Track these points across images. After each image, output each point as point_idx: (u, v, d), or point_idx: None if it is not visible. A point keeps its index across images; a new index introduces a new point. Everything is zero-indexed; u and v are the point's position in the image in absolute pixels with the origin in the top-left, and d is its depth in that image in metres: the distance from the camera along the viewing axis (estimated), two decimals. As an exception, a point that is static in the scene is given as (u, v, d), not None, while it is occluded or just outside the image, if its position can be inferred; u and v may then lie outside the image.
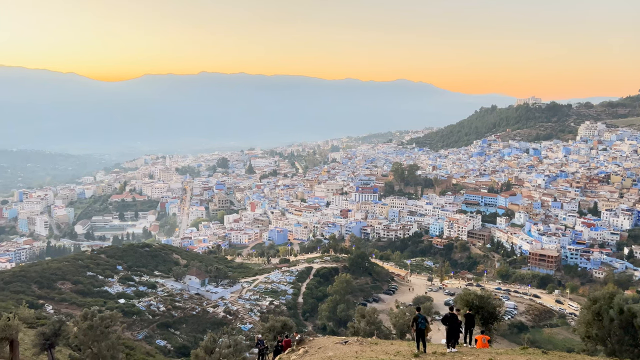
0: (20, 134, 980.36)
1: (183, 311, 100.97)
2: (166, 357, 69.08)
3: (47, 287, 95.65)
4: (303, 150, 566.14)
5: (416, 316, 22.90)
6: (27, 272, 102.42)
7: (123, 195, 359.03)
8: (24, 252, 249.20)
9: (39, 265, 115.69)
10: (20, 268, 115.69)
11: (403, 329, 44.47)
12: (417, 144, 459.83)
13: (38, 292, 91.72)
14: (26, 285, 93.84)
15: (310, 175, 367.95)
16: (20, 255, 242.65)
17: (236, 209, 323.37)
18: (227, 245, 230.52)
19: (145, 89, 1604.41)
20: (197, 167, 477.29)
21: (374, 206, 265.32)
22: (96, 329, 39.61)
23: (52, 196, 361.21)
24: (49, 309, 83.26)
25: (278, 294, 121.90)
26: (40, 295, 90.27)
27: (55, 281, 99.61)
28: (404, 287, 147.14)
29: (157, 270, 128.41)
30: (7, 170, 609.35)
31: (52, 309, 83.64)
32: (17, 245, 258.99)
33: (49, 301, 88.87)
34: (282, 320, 42.48)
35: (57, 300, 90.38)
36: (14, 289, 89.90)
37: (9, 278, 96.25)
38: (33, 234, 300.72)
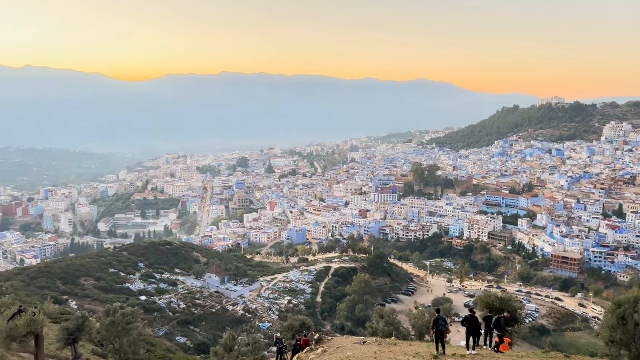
0: (46, 133, 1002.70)
1: (203, 309, 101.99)
2: (186, 354, 69.86)
3: (71, 283, 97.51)
4: (322, 150, 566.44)
5: (436, 318, 22.78)
6: (52, 268, 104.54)
7: (145, 193, 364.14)
8: (49, 249, 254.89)
9: (63, 261, 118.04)
10: (46, 264, 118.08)
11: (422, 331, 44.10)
12: (438, 144, 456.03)
13: (62, 288, 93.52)
14: (51, 281, 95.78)
15: (329, 175, 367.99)
16: (46, 252, 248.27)
17: (256, 208, 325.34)
18: (246, 244, 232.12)
19: (167, 88, 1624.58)
20: (217, 167, 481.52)
21: (393, 206, 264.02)
22: (118, 325, 40.27)
23: (76, 194, 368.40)
24: (73, 305, 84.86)
25: (297, 293, 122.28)
26: (64, 291, 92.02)
27: (79, 277, 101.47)
28: (423, 288, 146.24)
29: (177, 268, 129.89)
30: (33, 169, 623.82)
31: (76, 305, 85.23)
32: (43, 242, 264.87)
33: (72, 297, 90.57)
34: (300, 320, 42.55)
35: (80, 296, 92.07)
36: (39, 285, 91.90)
37: (34, 274, 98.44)
38: (58, 231, 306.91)
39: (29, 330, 27.27)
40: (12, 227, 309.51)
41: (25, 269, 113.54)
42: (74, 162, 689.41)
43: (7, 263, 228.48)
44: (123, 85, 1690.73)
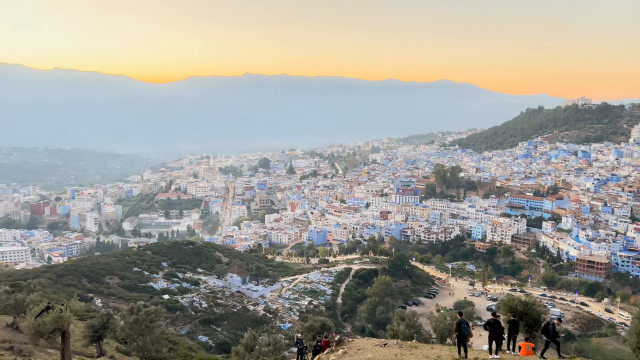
0: (73, 133, 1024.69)
1: (224, 308, 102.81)
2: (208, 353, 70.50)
3: (96, 281, 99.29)
4: (343, 151, 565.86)
5: (459, 321, 22.61)
6: (78, 266, 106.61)
7: (168, 193, 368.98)
8: (75, 247, 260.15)
9: (88, 260, 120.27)
10: (72, 262, 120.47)
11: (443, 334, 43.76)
12: (460, 145, 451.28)
13: (88, 286, 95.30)
14: (77, 279, 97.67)
15: (350, 176, 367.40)
16: (72, 250, 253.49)
17: (277, 208, 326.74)
18: (267, 244, 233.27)
19: (190, 90, 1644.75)
20: (239, 167, 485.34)
21: (414, 208, 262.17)
22: (141, 323, 40.94)
23: (101, 194, 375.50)
24: (98, 303, 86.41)
25: (317, 294, 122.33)
26: (89, 289, 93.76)
27: (104, 276, 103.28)
28: (445, 291, 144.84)
29: (200, 267, 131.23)
30: (60, 169, 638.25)
31: (101, 303, 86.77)
32: (69, 241, 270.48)
33: (97, 295, 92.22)
34: (321, 321, 42.62)
35: (105, 294, 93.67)
36: (65, 282, 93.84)
37: (61, 272, 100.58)
38: (84, 230, 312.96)
39: (56, 326, 27.92)
40: (40, 226, 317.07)
41: (52, 267, 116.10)
42: (99, 162, 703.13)
43: (35, 261, 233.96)
44: (148, 86, 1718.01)
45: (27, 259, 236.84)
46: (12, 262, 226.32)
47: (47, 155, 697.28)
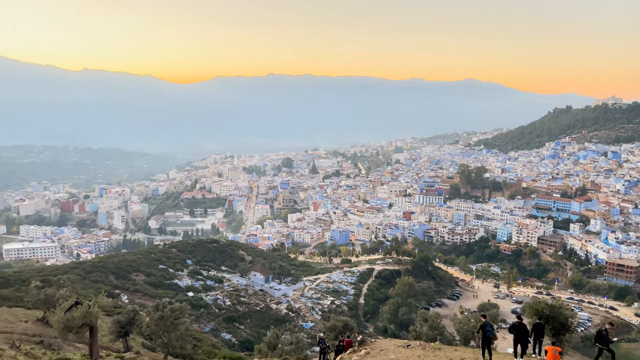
0: (102, 133, 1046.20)
1: (247, 306, 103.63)
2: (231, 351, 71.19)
3: (123, 277, 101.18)
4: (366, 151, 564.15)
5: (483, 323, 22.37)
6: (106, 263, 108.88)
7: (193, 192, 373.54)
8: (103, 244, 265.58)
9: (116, 257, 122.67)
10: (99, 259, 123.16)
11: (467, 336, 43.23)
12: (485, 145, 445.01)
13: (115, 282, 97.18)
14: (104, 276, 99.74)
15: (373, 176, 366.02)
16: (100, 247, 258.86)
17: (299, 208, 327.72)
18: (290, 244, 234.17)
19: (216, 90, 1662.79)
20: (263, 167, 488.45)
21: (438, 209, 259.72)
22: (166, 319, 41.59)
23: (128, 192, 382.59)
24: (124, 299, 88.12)
25: (339, 293, 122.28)
26: (116, 285, 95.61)
27: (130, 272, 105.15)
28: (469, 292, 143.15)
29: (223, 265, 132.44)
30: (89, 167, 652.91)
31: (127, 299, 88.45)
32: (97, 238, 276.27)
33: (124, 291, 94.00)
34: (343, 320, 42.62)
35: (131, 291, 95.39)
36: (93, 279, 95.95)
37: (89, 268, 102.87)
38: (111, 227, 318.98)
39: (84, 321, 28.55)
40: (69, 223, 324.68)
41: (80, 263, 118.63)
42: (127, 161, 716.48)
43: (65, 257, 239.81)
44: (174, 87, 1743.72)
45: (57, 255, 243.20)
46: (43, 258, 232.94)
47: (77, 154, 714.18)
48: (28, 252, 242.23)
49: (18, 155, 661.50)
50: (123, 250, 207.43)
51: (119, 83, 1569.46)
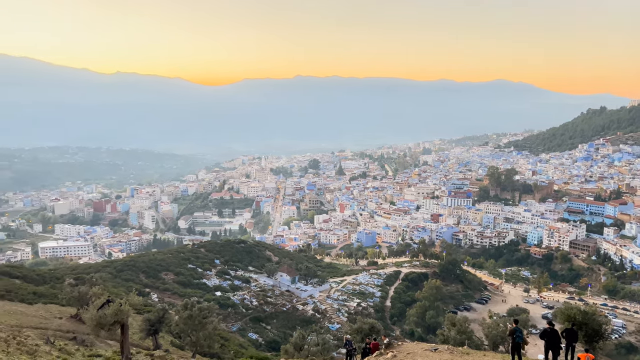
0: (133, 134, 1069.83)
1: (274, 307, 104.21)
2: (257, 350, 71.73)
3: (153, 276, 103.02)
4: (393, 152, 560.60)
5: (513, 329, 22.01)
6: (136, 262, 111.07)
7: (222, 193, 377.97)
8: (134, 244, 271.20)
9: (146, 256, 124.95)
10: (130, 258, 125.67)
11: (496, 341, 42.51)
12: (516, 147, 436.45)
13: (145, 281, 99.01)
14: (135, 274, 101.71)
15: (400, 178, 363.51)
16: (131, 246, 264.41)
17: (326, 209, 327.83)
18: (316, 245, 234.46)
19: (244, 92, 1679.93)
20: (289, 168, 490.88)
21: (467, 211, 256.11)
22: (195, 318, 42.21)
23: (159, 192, 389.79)
24: (154, 297, 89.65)
25: (366, 296, 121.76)
26: (146, 284, 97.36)
27: (160, 271, 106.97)
28: (498, 297, 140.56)
29: (251, 265, 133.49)
30: (121, 168, 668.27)
31: (157, 297, 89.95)
32: (128, 237, 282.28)
33: (154, 290, 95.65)
34: (369, 323, 42.48)
35: (161, 290, 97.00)
36: (124, 277, 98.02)
37: (120, 266, 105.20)
38: (142, 227, 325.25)
39: (116, 319, 29.21)
40: (101, 222, 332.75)
41: (112, 262, 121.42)
42: (157, 162, 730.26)
43: (97, 255, 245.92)
44: (203, 89, 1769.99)
45: (90, 253, 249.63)
46: (76, 257, 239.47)
47: (109, 155, 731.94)
48: (62, 250, 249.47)
49: (54, 156, 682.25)
50: (153, 249, 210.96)
51: (150, 85, 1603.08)
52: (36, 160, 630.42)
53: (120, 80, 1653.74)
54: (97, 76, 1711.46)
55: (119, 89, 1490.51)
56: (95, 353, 33.51)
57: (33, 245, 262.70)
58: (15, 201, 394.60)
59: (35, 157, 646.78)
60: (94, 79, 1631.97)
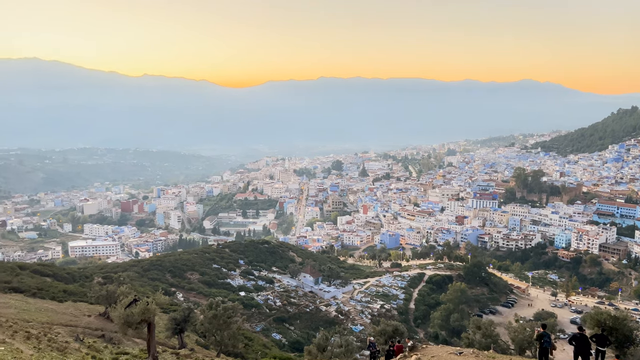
0: (160, 136, 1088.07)
1: (297, 307, 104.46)
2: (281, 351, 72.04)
3: (178, 276, 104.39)
4: (417, 153, 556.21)
5: (541, 333, 21.65)
6: (163, 261, 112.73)
7: (246, 194, 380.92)
8: (160, 243, 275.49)
9: (172, 255, 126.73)
10: (157, 258, 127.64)
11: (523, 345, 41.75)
12: (543, 148, 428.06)
13: (171, 281, 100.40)
14: (161, 274, 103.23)
15: (424, 180, 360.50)
16: (157, 246, 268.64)
17: (349, 210, 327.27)
18: (339, 246, 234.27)
19: (268, 94, 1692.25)
20: (313, 169, 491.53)
21: (492, 213, 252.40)
22: (220, 318, 42.68)
23: (184, 193, 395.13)
24: (180, 297, 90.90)
25: (389, 298, 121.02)
26: (172, 283, 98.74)
27: (186, 271, 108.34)
28: (524, 300, 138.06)
29: (274, 266, 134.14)
30: (148, 169, 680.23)
31: (182, 297, 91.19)
32: (155, 237, 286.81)
33: (179, 289, 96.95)
34: (393, 325, 42.23)
35: (186, 289, 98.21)
36: (151, 276, 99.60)
37: (147, 266, 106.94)
38: (168, 227, 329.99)
39: (143, 317, 29.70)
40: (129, 222, 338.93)
41: (139, 261, 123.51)
42: (183, 163, 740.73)
43: (124, 255, 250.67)
44: (228, 91, 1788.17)
45: (117, 253, 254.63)
46: (105, 256, 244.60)
47: (136, 157, 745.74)
48: (91, 249, 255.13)
49: (83, 158, 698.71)
50: (179, 249, 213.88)
51: (176, 88, 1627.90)
52: (66, 162, 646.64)
53: (148, 82, 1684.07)
54: (125, 79, 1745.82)
55: (146, 92, 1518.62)
56: (122, 351, 34.16)
57: (63, 245, 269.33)
58: (46, 201, 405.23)
59: (66, 159, 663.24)
60: (122, 82, 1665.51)
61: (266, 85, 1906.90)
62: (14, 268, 71.17)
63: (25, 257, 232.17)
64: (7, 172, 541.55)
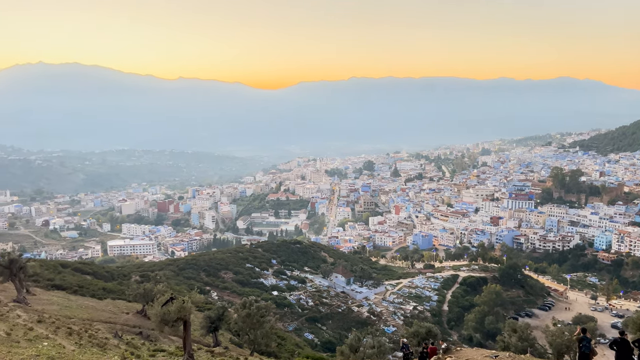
0: (195, 137, 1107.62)
1: (329, 307, 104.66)
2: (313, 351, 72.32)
3: (213, 275, 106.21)
4: (451, 153, 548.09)
5: (581, 338, 21.12)
6: (197, 260, 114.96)
7: (278, 194, 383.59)
8: (195, 243, 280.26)
9: (206, 255, 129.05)
10: (192, 257, 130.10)
11: (561, 350, 40.67)
12: (581, 147, 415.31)
13: (205, 279, 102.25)
14: (196, 273, 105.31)
15: (458, 180, 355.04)
16: (192, 245, 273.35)
17: (381, 211, 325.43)
18: (371, 247, 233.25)
19: (300, 95, 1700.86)
20: (344, 170, 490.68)
21: (528, 214, 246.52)
22: (253, 317, 43.18)
23: (218, 194, 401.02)
24: (214, 295, 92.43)
25: (422, 299, 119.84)
26: (207, 282, 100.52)
27: (220, 270, 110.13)
28: (562, 303, 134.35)
29: (306, 266, 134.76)
30: (183, 170, 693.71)
31: (216, 296, 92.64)
32: (190, 237, 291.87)
33: (214, 288, 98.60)
34: (426, 327, 41.84)
35: (220, 288, 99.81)
36: (186, 275, 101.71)
37: (182, 265, 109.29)
38: (202, 227, 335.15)
39: (179, 316, 30.31)
40: (165, 222, 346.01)
41: (175, 260, 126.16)
42: (217, 164, 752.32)
43: (161, 254, 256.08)
44: (261, 93, 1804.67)
45: (154, 252, 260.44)
46: (141, 255, 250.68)
47: (172, 158, 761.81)
48: (129, 248, 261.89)
49: (121, 159, 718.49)
50: (213, 248, 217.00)
51: (210, 90, 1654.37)
52: (105, 163, 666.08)
53: (183, 85, 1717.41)
54: (161, 82, 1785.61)
55: (182, 94, 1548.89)
56: (159, 348, 34.95)
57: (102, 244, 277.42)
58: (86, 201, 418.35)
59: (105, 160, 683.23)
60: (158, 85, 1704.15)
61: (298, 87, 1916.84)
62: (56, 266, 73.89)
63: (66, 255, 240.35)
64: (49, 173, 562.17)
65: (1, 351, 17.99)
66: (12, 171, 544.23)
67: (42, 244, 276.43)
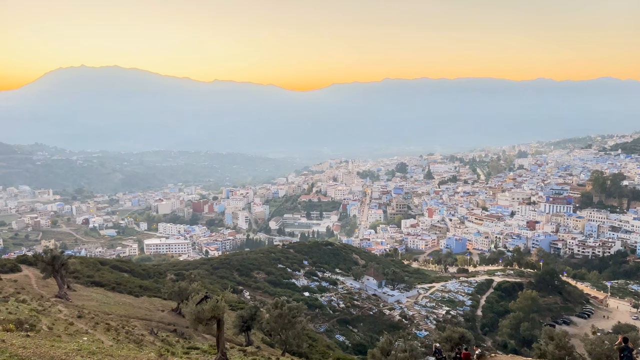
0: (229, 139, 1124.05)
1: (361, 310, 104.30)
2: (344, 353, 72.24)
3: (245, 275, 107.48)
4: (486, 155, 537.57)
5: (622, 347, 20.50)
6: (231, 260, 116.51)
7: (310, 195, 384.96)
8: (229, 243, 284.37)
9: (239, 255, 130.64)
10: (225, 256, 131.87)
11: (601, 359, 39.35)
12: (624, 150, 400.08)
13: (238, 279, 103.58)
14: (229, 272, 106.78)
15: (493, 183, 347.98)
16: (226, 245, 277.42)
17: (413, 214, 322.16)
18: (403, 250, 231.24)
19: (333, 97, 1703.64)
20: (376, 172, 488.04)
21: (567, 219, 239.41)
22: (285, 317, 43.54)
23: (252, 194, 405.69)
24: (246, 295, 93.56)
25: (455, 304, 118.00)
26: (239, 282, 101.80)
27: (252, 270, 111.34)
28: (602, 311, 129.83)
29: (338, 268, 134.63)
30: (217, 171, 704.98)
31: (249, 295, 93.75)
32: (223, 236, 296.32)
33: (246, 288, 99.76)
34: (459, 332, 41.17)
35: (253, 288, 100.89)
36: (220, 274, 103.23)
37: (216, 264, 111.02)
38: (236, 227, 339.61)
39: (213, 314, 30.84)
40: (199, 222, 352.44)
41: (209, 260, 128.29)
42: (250, 165, 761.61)
43: (195, 253, 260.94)
44: (294, 95, 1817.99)
45: (189, 251, 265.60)
46: (177, 254, 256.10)
47: (207, 159, 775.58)
48: (165, 247, 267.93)
49: (158, 160, 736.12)
50: (246, 248, 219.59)
51: (245, 92, 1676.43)
52: (143, 164, 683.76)
53: (218, 88, 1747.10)
54: (198, 84, 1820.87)
55: (217, 96, 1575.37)
56: (193, 345, 35.66)
57: (139, 242, 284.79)
58: (124, 201, 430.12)
59: (142, 161, 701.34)
60: (195, 87, 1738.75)
61: (331, 88, 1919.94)
62: (95, 263, 76.26)
63: (105, 253, 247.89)
64: (90, 173, 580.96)
65: (44, 345, 18.79)
66: (55, 171, 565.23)
67: (82, 242, 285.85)
